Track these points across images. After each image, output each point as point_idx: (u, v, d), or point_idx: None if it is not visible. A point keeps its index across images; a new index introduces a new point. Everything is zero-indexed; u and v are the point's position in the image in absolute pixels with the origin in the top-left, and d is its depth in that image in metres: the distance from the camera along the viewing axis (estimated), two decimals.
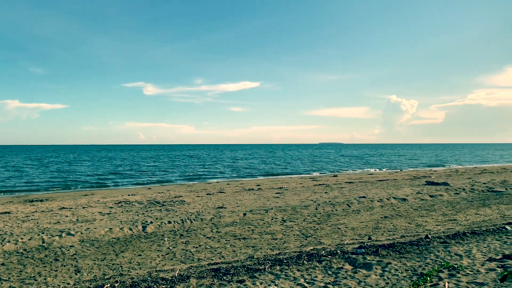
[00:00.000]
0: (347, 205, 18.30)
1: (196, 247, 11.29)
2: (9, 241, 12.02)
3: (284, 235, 12.64)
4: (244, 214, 16.18)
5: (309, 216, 15.93)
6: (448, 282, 6.89)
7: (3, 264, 10.00)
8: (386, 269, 8.06)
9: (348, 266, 8.36)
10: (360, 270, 8.10)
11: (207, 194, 24.09)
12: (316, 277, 7.78)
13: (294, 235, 12.60)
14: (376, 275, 7.71)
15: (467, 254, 8.77)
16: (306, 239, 11.90)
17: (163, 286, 7.21)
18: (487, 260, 8.23)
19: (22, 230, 13.75)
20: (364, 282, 7.35)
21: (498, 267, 7.67)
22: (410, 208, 17.58)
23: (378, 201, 19.39)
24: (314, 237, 12.16)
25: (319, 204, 18.43)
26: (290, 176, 45.21)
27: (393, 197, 20.43)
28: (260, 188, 26.74)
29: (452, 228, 12.52)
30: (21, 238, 12.38)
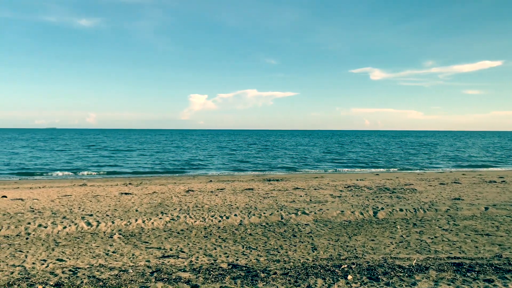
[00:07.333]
0: None
1: (432, 238, 10.66)
2: (254, 215, 13.53)
3: None
4: (486, 208, 14.55)
5: None
6: None
7: (251, 234, 11.31)
8: None
9: None
10: None
11: (440, 183, 22.54)
12: None
13: None
14: None
15: None
16: None
17: (401, 274, 7.01)
18: None
19: (264, 206, 15.31)
20: None
21: None
22: None
23: None
24: None
25: None
26: None
27: None
28: (503, 181, 23.66)
29: None
30: (264, 213, 13.79)
